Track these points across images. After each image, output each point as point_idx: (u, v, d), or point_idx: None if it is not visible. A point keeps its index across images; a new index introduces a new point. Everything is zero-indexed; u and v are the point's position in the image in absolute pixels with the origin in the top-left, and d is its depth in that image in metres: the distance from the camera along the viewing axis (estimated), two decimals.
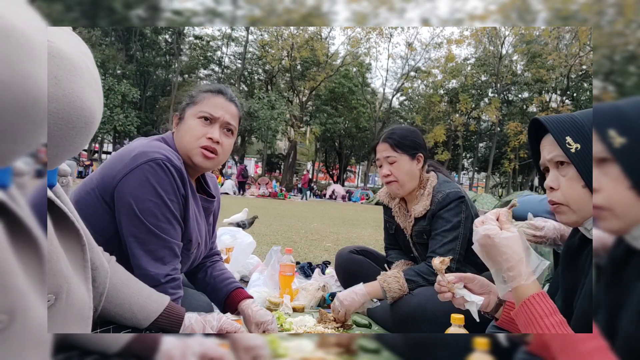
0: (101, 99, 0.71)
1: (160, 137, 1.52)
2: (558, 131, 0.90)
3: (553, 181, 0.95)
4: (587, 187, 0.87)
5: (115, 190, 1.34)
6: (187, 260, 1.55)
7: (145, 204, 1.33)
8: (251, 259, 3.02)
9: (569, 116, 0.92)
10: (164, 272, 1.36)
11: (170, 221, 1.37)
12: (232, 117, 1.53)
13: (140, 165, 1.33)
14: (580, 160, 0.87)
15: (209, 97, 1.51)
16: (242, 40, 32.72)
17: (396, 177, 2.11)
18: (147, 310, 1.19)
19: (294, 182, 30.39)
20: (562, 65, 27.61)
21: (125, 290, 1.17)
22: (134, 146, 1.43)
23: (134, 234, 1.34)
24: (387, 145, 2.12)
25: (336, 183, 33.23)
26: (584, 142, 0.87)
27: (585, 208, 0.90)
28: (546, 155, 0.96)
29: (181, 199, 1.41)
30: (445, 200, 2.03)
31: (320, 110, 32.50)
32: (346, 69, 32.92)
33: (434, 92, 33.35)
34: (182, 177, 1.40)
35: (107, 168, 1.40)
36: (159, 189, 1.34)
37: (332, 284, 2.60)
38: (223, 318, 1.30)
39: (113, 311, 1.12)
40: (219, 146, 1.48)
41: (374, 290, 2.00)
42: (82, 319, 0.83)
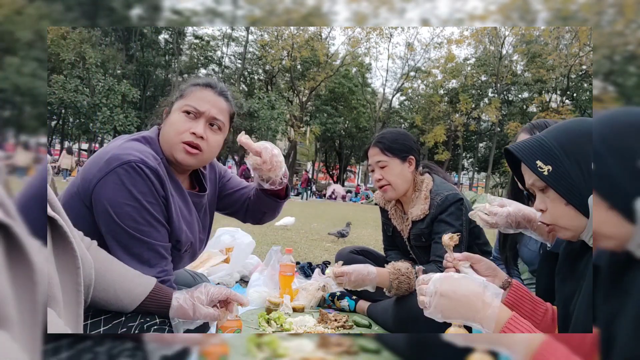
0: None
1: (140, 136, 1.45)
2: (527, 157, 0.91)
3: (540, 204, 0.96)
4: (570, 204, 0.88)
5: (92, 195, 1.30)
6: (180, 260, 1.52)
7: (123, 208, 1.29)
8: (251, 259, 3.02)
9: (536, 140, 0.93)
10: (151, 274, 1.31)
11: (151, 223, 1.33)
12: (219, 112, 1.46)
13: (114, 169, 1.29)
14: (554, 181, 0.88)
15: (196, 91, 1.46)
16: (242, 40, 32.70)
17: (388, 181, 2.11)
18: (133, 294, 1.18)
19: (294, 182, 30.39)
20: (562, 65, 27.59)
21: (109, 275, 1.15)
22: (110, 148, 1.38)
23: (116, 238, 1.30)
24: (377, 150, 2.13)
25: (336, 183, 33.22)
26: (553, 163, 0.88)
27: (576, 223, 0.90)
28: (527, 180, 0.98)
29: (162, 200, 1.36)
30: (445, 204, 2.02)
31: (320, 110, 32.49)
32: (346, 69, 32.90)
33: (434, 92, 33.33)
34: (160, 178, 1.35)
35: (85, 171, 1.36)
36: (135, 192, 1.29)
37: (332, 284, 2.59)
38: (211, 289, 1.27)
39: (98, 297, 1.11)
40: (203, 142, 1.42)
41: (383, 281, 1.96)
42: (75, 316, 0.86)
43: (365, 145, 2.46)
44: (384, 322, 2.09)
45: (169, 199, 1.39)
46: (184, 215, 1.48)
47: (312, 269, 3.11)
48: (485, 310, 0.92)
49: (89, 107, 23.96)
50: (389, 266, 1.98)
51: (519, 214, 1.38)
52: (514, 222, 1.39)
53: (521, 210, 1.39)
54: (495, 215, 1.40)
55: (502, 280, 1.22)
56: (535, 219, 1.38)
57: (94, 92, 24.05)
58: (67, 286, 0.87)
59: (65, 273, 0.87)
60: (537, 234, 1.40)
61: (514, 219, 1.38)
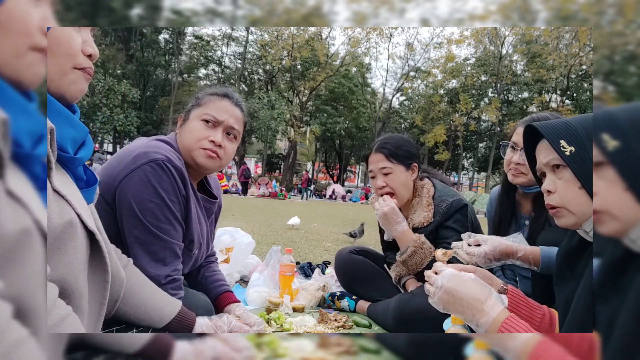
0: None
1: (162, 138, 1.51)
2: (552, 136, 0.92)
3: (550, 184, 0.97)
4: (584, 188, 0.89)
5: (116, 191, 1.34)
6: (189, 261, 1.55)
7: (146, 204, 1.32)
8: (251, 259, 3.02)
9: (562, 121, 0.95)
10: (165, 273, 1.36)
11: (171, 222, 1.37)
12: (236, 122, 1.52)
13: (141, 166, 1.33)
14: (575, 162, 0.89)
15: (215, 100, 1.51)
16: (242, 40, 32.72)
17: (392, 189, 2.05)
18: (162, 314, 1.21)
19: (294, 182, 30.39)
20: (562, 65, 27.61)
21: (142, 292, 1.18)
22: (135, 146, 1.42)
23: (135, 234, 1.33)
24: (381, 156, 2.06)
25: (336, 183, 33.23)
26: (577, 145, 0.89)
27: (583, 209, 0.91)
28: (542, 159, 0.99)
29: (182, 200, 1.41)
30: (450, 210, 2.00)
31: (320, 110, 32.50)
32: (346, 69, 32.91)
33: (434, 92, 33.35)
34: (183, 178, 1.40)
35: (108, 169, 1.39)
36: (160, 190, 1.34)
37: (332, 284, 2.60)
38: (233, 322, 1.31)
39: (129, 312, 1.14)
40: (221, 150, 1.48)
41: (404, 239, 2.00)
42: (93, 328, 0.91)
43: (365, 146, 2.43)
44: (384, 322, 2.09)
45: (189, 199, 1.44)
46: (198, 216, 1.53)
47: (312, 269, 3.11)
48: (482, 317, 0.93)
49: (89, 107, 23.97)
50: (415, 236, 1.99)
51: (495, 251, 1.43)
52: (492, 258, 1.43)
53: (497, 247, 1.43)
54: (473, 255, 1.44)
55: (497, 288, 1.22)
56: (514, 251, 1.43)
57: (94, 92, 24.05)
58: (94, 297, 0.89)
59: (95, 285, 0.89)
60: (521, 262, 1.45)
61: (491, 256, 1.43)
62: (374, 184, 2.12)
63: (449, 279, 1.00)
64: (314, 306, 2.37)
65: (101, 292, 0.91)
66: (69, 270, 0.79)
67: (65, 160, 0.87)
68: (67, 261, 0.78)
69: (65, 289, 0.78)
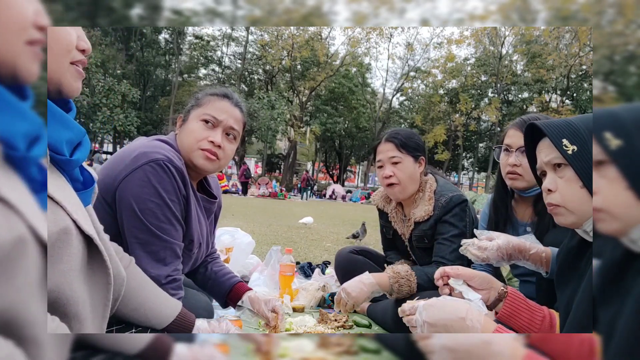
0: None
1: (162, 138, 1.51)
2: (555, 134, 0.92)
3: (551, 183, 0.97)
4: (585, 187, 0.89)
5: (116, 191, 1.34)
6: (189, 261, 1.55)
7: (147, 204, 1.32)
8: (251, 259, 3.02)
9: (564, 120, 0.95)
10: (165, 273, 1.36)
11: (171, 222, 1.37)
12: (235, 122, 1.52)
13: (142, 166, 1.33)
14: (577, 161, 0.89)
15: (214, 101, 1.51)
16: (242, 40, 32.71)
17: (399, 179, 2.03)
18: (161, 316, 1.20)
19: (294, 182, 30.39)
20: (562, 65, 27.61)
21: (142, 293, 1.18)
22: (135, 146, 1.42)
23: (135, 234, 1.33)
24: (391, 145, 2.04)
25: (336, 183, 33.22)
26: (580, 144, 0.89)
27: (583, 208, 0.91)
28: (543, 158, 0.98)
29: (182, 200, 1.41)
30: (450, 205, 1.99)
31: (320, 110, 32.50)
32: (346, 69, 32.92)
33: (434, 92, 33.35)
34: (183, 178, 1.40)
35: (108, 169, 1.39)
36: (160, 190, 1.34)
37: (332, 284, 2.60)
38: (232, 328, 1.32)
39: (128, 314, 1.13)
40: (220, 150, 1.47)
41: (382, 283, 1.90)
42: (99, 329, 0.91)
43: (365, 146, 2.42)
44: (383, 322, 2.09)
45: (189, 199, 1.44)
46: (198, 216, 1.53)
47: (312, 269, 3.11)
48: (470, 332, 0.92)
49: (89, 107, 23.97)
50: (388, 270, 1.95)
51: (509, 245, 1.37)
52: (505, 254, 1.37)
53: (510, 242, 1.37)
54: (486, 249, 1.38)
55: (497, 291, 1.21)
56: (527, 248, 1.36)
57: (94, 92, 24.06)
58: (97, 300, 0.89)
59: (97, 288, 0.89)
60: (531, 263, 1.38)
61: (504, 251, 1.37)
62: (381, 174, 2.09)
63: (426, 311, 0.98)
64: (314, 306, 2.37)
65: (104, 294, 0.90)
66: (64, 279, 0.77)
67: (61, 162, 0.85)
68: (62, 269, 0.77)
69: (59, 298, 0.77)
